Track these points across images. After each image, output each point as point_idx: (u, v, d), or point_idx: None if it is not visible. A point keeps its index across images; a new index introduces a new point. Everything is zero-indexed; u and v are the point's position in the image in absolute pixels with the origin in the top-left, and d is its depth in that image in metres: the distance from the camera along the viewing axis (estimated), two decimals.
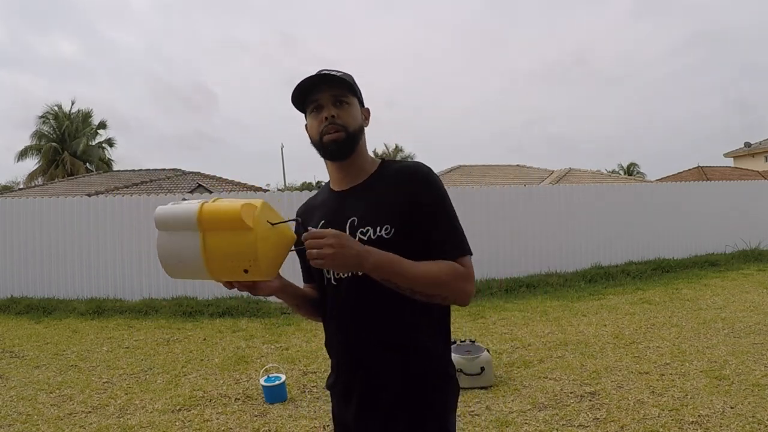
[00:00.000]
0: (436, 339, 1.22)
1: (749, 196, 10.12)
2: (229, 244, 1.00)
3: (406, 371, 1.17)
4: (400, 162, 1.28)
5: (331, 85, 1.21)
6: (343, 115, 1.21)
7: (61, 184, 14.12)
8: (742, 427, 2.92)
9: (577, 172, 15.86)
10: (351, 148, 1.23)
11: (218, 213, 1.00)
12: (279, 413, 3.40)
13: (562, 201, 8.55)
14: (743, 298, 6.29)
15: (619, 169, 38.38)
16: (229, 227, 0.99)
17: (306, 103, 1.24)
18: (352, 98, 1.24)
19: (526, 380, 3.80)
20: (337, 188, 1.30)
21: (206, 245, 1.01)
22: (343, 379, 1.24)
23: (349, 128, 1.21)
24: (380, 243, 1.13)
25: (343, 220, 1.21)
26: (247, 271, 1.02)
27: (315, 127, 1.23)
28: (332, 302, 1.24)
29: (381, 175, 1.25)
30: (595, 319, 5.60)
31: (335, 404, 1.31)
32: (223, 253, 1.01)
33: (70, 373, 4.36)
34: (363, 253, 1.05)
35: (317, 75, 1.21)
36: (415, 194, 1.17)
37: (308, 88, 1.21)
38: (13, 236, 7.50)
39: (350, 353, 1.22)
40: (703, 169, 23.13)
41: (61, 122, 26.26)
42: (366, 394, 1.19)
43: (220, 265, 1.02)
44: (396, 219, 1.16)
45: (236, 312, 6.45)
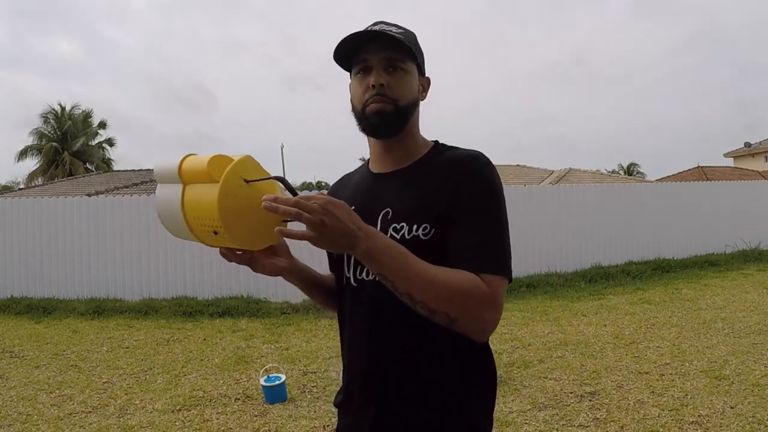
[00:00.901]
0: (471, 368, 0.99)
1: (749, 196, 10.11)
2: (200, 198, 0.89)
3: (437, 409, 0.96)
4: (456, 148, 1.04)
5: (384, 45, 0.97)
6: (395, 84, 0.98)
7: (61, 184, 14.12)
8: (742, 427, 2.92)
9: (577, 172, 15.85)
10: (398, 125, 1.01)
11: (194, 163, 0.90)
12: (279, 413, 3.40)
13: (562, 201, 8.55)
14: (743, 298, 6.29)
15: (619, 169, 38.38)
16: (203, 180, 0.89)
17: (353, 60, 1.01)
18: (409, 64, 1.00)
19: (526, 380, 3.80)
20: (376, 169, 1.08)
21: (184, 198, 0.92)
22: (356, 398, 1.04)
23: (400, 101, 0.99)
24: (415, 245, 0.91)
25: (375, 209, 1.00)
26: (217, 234, 0.89)
27: (359, 93, 1.01)
28: (350, 307, 1.05)
29: (430, 162, 1.02)
30: (595, 319, 5.60)
31: (345, 423, 1.08)
32: (195, 209, 0.91)
33: (70, 373, 4.36)
34: (358, 232, 0.82)
35: (367, 32, 0.97)
36: (461, 185, 0.95)
37: (354, 45, 0.99)
38: (13, 236, 7.50)
39: (366, 373, 1.01)
40: (703, 169, 23.11)
41: (62, 122, 26.26)
42: (383, 416, 0.99)
43: (196, 224, 0.92)
44: (438, 217, 0.94)
45: (236, 312, 6.45)
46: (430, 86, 1.10)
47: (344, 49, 1.00)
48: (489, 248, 0.91)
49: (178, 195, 0.92)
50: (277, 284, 7.01)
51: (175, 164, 0.92)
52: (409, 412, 0.97)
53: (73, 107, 27.11)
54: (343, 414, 1.10)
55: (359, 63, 1.00)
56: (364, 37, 0.97)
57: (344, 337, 1.09)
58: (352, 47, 0.99)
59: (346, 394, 1.08)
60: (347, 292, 1.05)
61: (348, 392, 1.07)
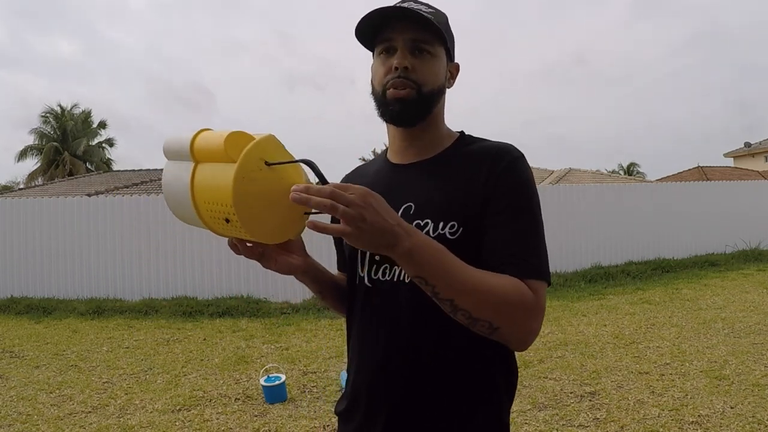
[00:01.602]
0: (493, 377, 0.92)
1: (749, 196, 10.11)
2: (212, 179, 0.77)
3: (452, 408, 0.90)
4: (484, 140, 0.97)
5: (412, 25, 0.89)
6: (420, 68, 0.90)
7: (61, 184, 14.12)
8: (742, 427, 2.92)
9: (577, 172, 15.85)
10: (421, 113, 0.93)
11: (208, 139, 0.79)
12: (279, 413, 3.40)
13: (562, 201, 8.55)
14: (743, 298, 6.28)
15: (619, 169, 38.37)
16: (217, 159, 0.77)
17: (376, 39, 0.93)
18: (438, 48, 0.92)
19: (526, 380, 3.80)
20: (396, 160, 1.00)
21: (195, 178, 0.80)
22: (364, 403, 0.96)
23: (424, 87, 0.90)
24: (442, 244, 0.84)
25: (395, 203, 0.89)
26: (229, 222, 0.77)
27: (380, 74, 0.92)
28: (361, 309, 0.96)
29: (457, 153, 0.94)
30: (595, 319, 5.60)
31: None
32: (205, 191, 0.79)
33: (70, 373, 4.36)
34: (399, 229, 0.72)
35: (397, 8, 0.88)
36: (494, 183, 0.87)
37: (379, 22, 0.91)
38: (13, 236, 7.50)
39: (380, 380, 0.93)
40: (703, 169, 23.11)
41: (62, 122, 26.28)
42: (395, 427, 0.92)
43: (205, 208, 0.80)
44: (467, 214, 0.86)
45: (236, 312, 6.45)
46: (459, 73, 1.01)
47: (367, 26, 0.91)
48: (531, 252, 0.85)
49: (188, 174, 0.81)
50: (277, 284, 7.01)
51: (187, 139, 0.81)
52: (423, 423, 0.90)
53: (72, 107, 27.15)
54: (346, 420, 1.01)
55: (383, 42, 0.92)
56: (389, 13, 0.88)
57: (353, 341, 1.01)
58: (376, 25, 0.91)
59: (352, 399, 0.99)
60: (359, 293, 0.97)
61: (354, 398, 0.98)
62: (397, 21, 0.90)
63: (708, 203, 9.65)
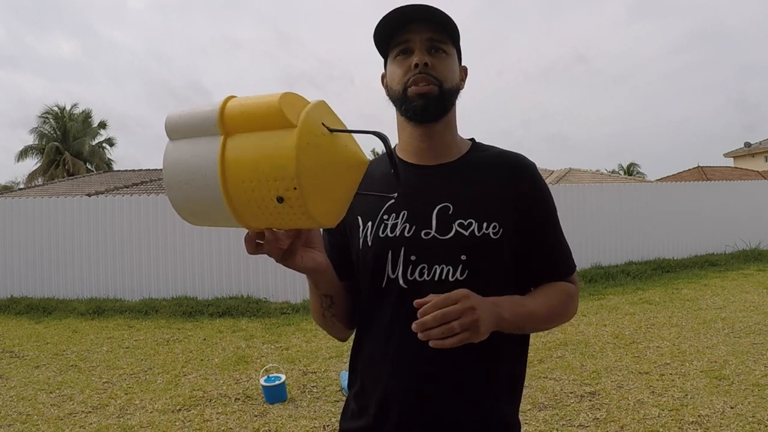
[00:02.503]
0: (520, 378, 1.04)
1: (749, 196, 10.11)
2: (259, 149, 0.63)
3: (488, 415, 0.93)
4: (497, 148, 1.02)
5: (428, 25, 0.92)
6: (438, 65, 0.92)
7: (61, 184, 14.11)
8: (742, 427, 2.92)
9: (577, 172, 15.85)
10: (443, 108, 0.94)
11: (249, 105, 0.65)
12: (279, 413, 3.40)
13: (562, 201, 8.54)
14: (743, 298, 6.28)
15: (619, 169, 38.37)
16: (262, 126, 0.64)
17: (391, 43, 0.94)
18: (451, 47, 0.95)
19: (526, 380, 3.79)
20: (415, 161, 0.99)
21: (226, 153, 0.65)
22: (395, 420, 0.92)
23: (445, 84, 0.92)
24: (485, 243, 0.90)
25: (430, 202, 0.93)
26: (283, 200, 0.63)
27: (398, 75, 0.93)
28: (394, 312, 0.92)
29: (478, 159, 0.98)
30: (595, 319, 5.60)
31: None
32: (248, 165, 0.63)
33: (70, 373, 4.36)
34: (496, 307, 0.83)
35: (411, 7, 0.90)
36: (526, 194, 0.95)
37: (397, 24, 0.92)
38: (13, 236, 7.50)
39: (415, 388, 0.91)
40: (703, 169, 23.12)
41: (61, 122, 26.28)
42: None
43: (243, 189, 0.64)
44: (506, 217, 0.92)
45: (236, 312, 6.45)
46: (467, 77, 1.04)
47: (386, 29, 0.93)
48: (567, 255, 1.02)
49: (215, 150, 0.65)
50: (277, 284, 7.01)
51: (214, 106, 0.66)
52: (466, 422, 0.91)
53: (72, 107, 27.16)
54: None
55: (400, 45, 0.93)
56: (408, 11, 0.90)
57: (379, 349, 0.95)
58: (393, 28, 0.92)
59: (378, 417, 0.94)
60: (389, 296, 0.93)
61: (379, 414, 0.93)
62: (412, 23, 0.91)
63: (708, 203, 9.65)
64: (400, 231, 0.93)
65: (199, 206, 0.69)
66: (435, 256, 0.90)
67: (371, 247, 0.95)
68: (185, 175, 0.68)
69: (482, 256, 0.91)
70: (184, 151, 0.68)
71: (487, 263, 0.91)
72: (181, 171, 0.68)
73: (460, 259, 0.89)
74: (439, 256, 0.90)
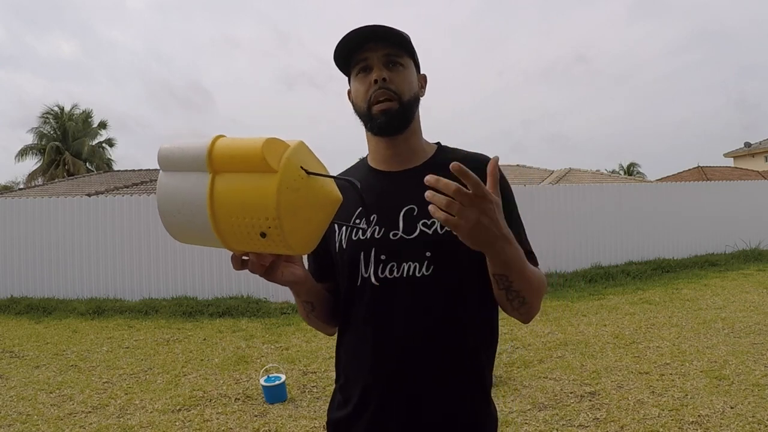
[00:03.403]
0: (490, 366, 1.04)
1: (749, 196, 10.11)
2: (244, 191, 0.72)
3: (461, 403, 0.98)
4: (463, 150, 1.08)
5: (383, 42, 0.98)
6: (396, 79, 0.99)
7: (61, 184, 14.12)
8: (742, 427, 2.92)
9: (577, 172, 15.85)
10: (405, 121, 1.01)
11: (235, 148, 0.73)
12: (279, 413, 3.40)
13: (562, 201, 8.55)
14: (743, 298, 6.28)
15: (619, 169, 38.35)
16: (246, 168, 0.72)
17: (351, 62, 1.02)
18: (407, 59, 1.02)
19: (526, 380, 3.80)
20: (383, 168, 1.07)
21: (215, 190, 0.73)
22: (373, 409, 0.99)
23: (404, 96, 0.99)
24: (448, 240, 0.92)
25: (395, 206, 1.00)
26: (265, 236, 0.72)
27: (362, 92, 1.00)
28: (369, 309, 1.00)
29: (443, 161, 1.00)
30: (595, 319, 5.60)
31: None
32: (235, 204, 0.72)
33: (70, 373, 4.36)
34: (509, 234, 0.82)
35: (366, 28, 0.98)
36: None
37: (354, 45, 0.99)
38: (13, 236, 7.50)
39: (391, 378, 0.98)
40: (703, 169, 23.12)
41: (61, 122, 26.28)
42: (412, 427, 0.97)
43: (230, 223, 0.74)
44: None
45: (236, 312, 6.45)
46: (427, 83, 1.10)
47: (344, 50, 1.00)
48: (530, 251, 1.02)
49: (204, 187, 0.73)
50: (277, 284, 7.00)
51: (203, 146, 0.73)
52: (442, 407, 0.97)
53: (73, 107, 27.16)
54: (348, 427, 1.03)
55: (359, 63, 1.00)
56: (364, 31, 0.97)
57: (358, 343, 1.02)
58: (350, 49, 1.00)
59: (358, 406, 1.00)
60: (363, 294, 1.00)
61: (360, 404, 1.00)
62: (369, 42, 0.98)
63: (708, 203, 9.65)
64: (370, 233, 1.00)
65: (189, 231, 0.78)
66: (402, 254, 0.97)
67: (346, 249, 1.03)
68: (178, 206, 0.76)
69: (445, 252, 0.96)
70: (177, 184, 0.76)
71: (450, 258, 0.96)
72: (173, 202, 0.77)
73: (425, 256, 0.96)
74: (406, 255, 0.97)
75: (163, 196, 0.78)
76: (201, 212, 0.74)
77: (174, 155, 0.77)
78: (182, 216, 0.77)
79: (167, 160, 0.77)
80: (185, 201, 0.75)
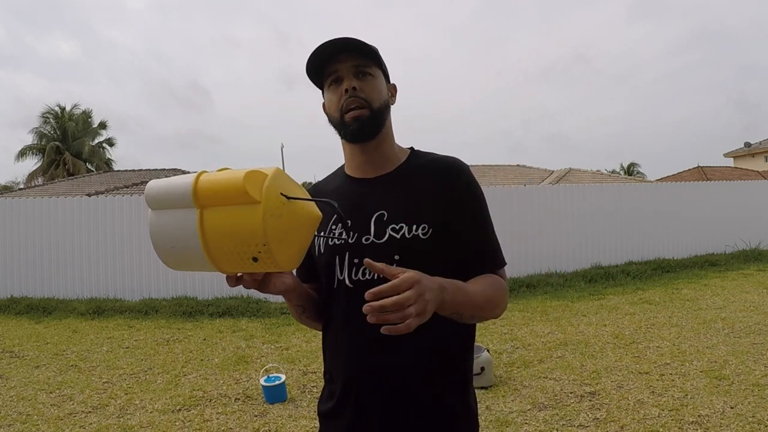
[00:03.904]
0: (465, 360, 1.09)
1: (749, 196, 10.11)
2: (232, 223, 0.79)
3: (436, 395, 1.04)
4: (434, 154, 1.13)
5: (352, 54, 1.04)
6: (366, 88, 1.04)
7: (61, 184, 14.12)
8: (742, 427, 2.92)
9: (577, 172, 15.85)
10: (376, 127, 1.06)
11: (217, 183, 0.79)
12: (279, 413, 3.40)
13: (562, 201, 8.55)
14: (743, 298, 6.29)
15: (619, 169, 38.34)
16: (230, 201, 0.78)
17: (323, 75, 1.08)
18: (376, 69, 1.07)
19: (526, 380, 3.80)
20: (357, 175, 1.13)
21: (204, 226, 0.80)
22: (353, 401, 1.06)
23: (374, 104, 1.05)
24: (415, 243, 1.01)
25: (367, 212, 1.06)
26: (257, 260, 0.80)
27: (334, 102, 1.06)
28: (344, 310, 1.06)
29: (414, 166, 1.10)
30: (595, 319, 5.60)
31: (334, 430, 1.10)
32: (225, 236, 0.80)
33: (70, 373, 4.36)
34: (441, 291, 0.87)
35: (335, 41, 1.03)
36: (456, 194, 1.05)
37: (325, 58, 1.05)
38: (13, 236, 7.50)
39: (368, 371, 1.04)
40: (703, 169, 23.12)
41: (62, 122, 26.28)
42: (389, 418, 1.03)
43: (223, 252, 0.81)
44: (434, 218, 1.02)
45: (236, 312, 6.45)
46: (397, 92, 1.16)
47: (317, 62, 1.05)
48: (497, 248, 1.08)
49: (194, 223, 0.80)
50: None
51: (187, 185, 0.79)
52: (414, 404, 1.02)
53: (73, 107, 27.15)
54: (330, 422, 1.10)
55: (330, 75, 1.06)
56: (335, 44, 1.03)
57: (338, 343, 1.09)
58: (322, 60, 1.05)
59: (340, 399, 1.07)
60: (340, 296, 1.07)
61: (342, 397, 1.07)
62: (339, 54, 1.04)
63: (708, 203, 9.65)
64: (345, 239, 1.07)
65: (184, 262, 0.85)
66: (373, 258, 0.99)
67: (324, 254, 1.10)
68: (172, 242, 0.83)
69: (413, 254, 1.01)
70: (167, 222, 0.83)
71: (418, 260, 0.98)
72: (167, 238, 0.83)
73: (394, 259, 1.00)
74: (376, 258, 0.99)
75: (156, 234, 0.84)
76: (194, 246, 0.81)
77: (161, 195, 0.82)
78: (177, 250, 0.83)
79: (155, 200, 0.83)
80: (178, 237, 0.82)
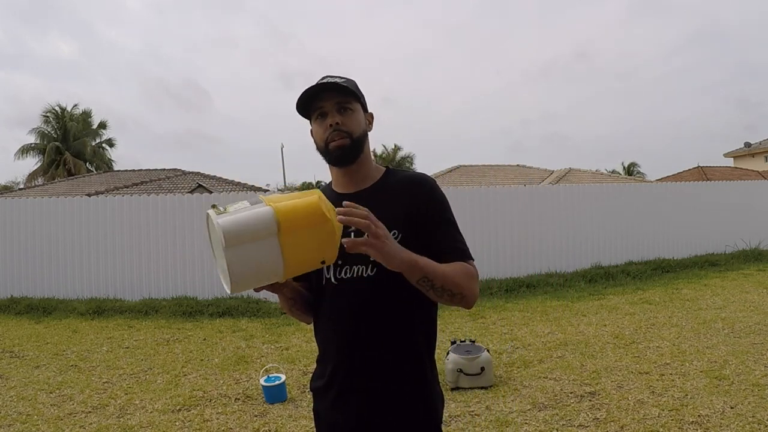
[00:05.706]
0: (431, 351, 1.28)
1: (749, 196, 10.12)
2: (309, 240, 0.98)
3: (406, 377, 1.22)
4: (405, 171, 1.35)
5: (335, 93, 1.24)
6: (347, 121, 1.24)
7: (61, 184, 14.12)
8: (742, 427, 2.92)
9: (577, 172, 15.87)
10: (356, 154, 1.27)
11: (297, 211, 0.98)
12: (279, 413, 3.40)
13: (562, 201, 8.55)
14: (743, 298, 6.29)
15: (619, 169, 38.32)
16: (307, 224, 0.97)
17: (311, 110, 1.28)
18: (355, 104, 1.27)
19: (526, 380, 3.80)
20: (342, 190, 1.33)
21: (284, 248, 0.97)
22: (339, 381, 1.25)
23: (354, 134, 1.24)
24: None
25: None
26: (324, 262, 1.04)
27: (320, 134, 1.26)
28: (330, 304, 1.26)
29: (386, 182, 1.30)
30: (595, 319, 5.60)
31: (324, 406, 1.33)
32: (303, 251, 0.99)
33: (70, 373, 4.36)
34: (408, 253, 1.08)
35: (320, 84, 1.24)
36: (422, 204, 1.23)
37: (312, 95, 1.24)
38: (13, 236, 7.50)
39: (351, 356, 1.23)
40: (703, 169, 23.14)
41: (62, 122, 26.28)
42: (367, 398, 1.22)
43: (297, 263, 1.01)
44: (403, 225, 1.20)
45: (236, 312, 6.45)
46: (374, 121, 1.38)
47: (305, 100, 1.25)
48: (463, 245, 1.24)
49: (277, 249, 0.97)
50: None
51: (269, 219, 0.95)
52: (389, 387, 1.20)
53: (73, 107, 27.16)
54: (320, 397, 1.34)
55: (316, 110, 1.25)
56: (316, 88, 1.23)
57: (327, 334, 1.29)
58: (309, 97, 1.24)
59: (329, 379, 1.28)
60: (327, 292, 1.26)
61: (330, 377, 1.28)
62: (324, 92, 1.24)
63: (708, 203, 9.65)
64: None
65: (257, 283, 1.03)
66: (353, 259, 1.20)
67: None
68: (254, 270, 0.97)
69: None
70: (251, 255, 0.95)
71: None
72: (251, 269, 0.97)
73: (370, 260, 1.16)
74: (355, 260, 1.20)
75: (241, 267, 0.95)
76: (277, 269, 0.99)
77: (242, 233, 0.94)
78: (259, 275, 1.00)
79: (237, 239, 0.94)
80: (262, 263, 0.97)
